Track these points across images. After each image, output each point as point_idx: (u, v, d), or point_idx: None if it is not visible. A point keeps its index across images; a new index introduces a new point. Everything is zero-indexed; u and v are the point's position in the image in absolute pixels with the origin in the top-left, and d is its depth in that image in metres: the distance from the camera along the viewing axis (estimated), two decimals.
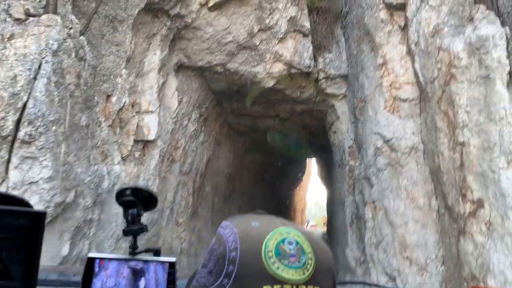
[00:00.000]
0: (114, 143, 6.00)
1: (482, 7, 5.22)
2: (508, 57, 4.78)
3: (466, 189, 5.32)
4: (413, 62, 6.68)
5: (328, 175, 23.41)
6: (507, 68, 4.81)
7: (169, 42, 7.23)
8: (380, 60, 7.16)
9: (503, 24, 4.96)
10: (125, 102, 5.96)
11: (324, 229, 42.06)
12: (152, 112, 6.62)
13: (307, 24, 8.45)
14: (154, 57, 6.84)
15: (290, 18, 8.12)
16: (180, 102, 8.05)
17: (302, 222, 50.30)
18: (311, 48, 8.66)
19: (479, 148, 5.21)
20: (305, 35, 8.56)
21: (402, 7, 6.87)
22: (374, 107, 7.21)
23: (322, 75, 9.08)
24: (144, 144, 6.75)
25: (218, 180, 13.50)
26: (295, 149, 19.16)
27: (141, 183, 6.68)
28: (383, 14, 7.12)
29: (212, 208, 12.55)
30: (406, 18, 6.80)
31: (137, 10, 6.07)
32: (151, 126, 6.58)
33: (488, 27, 5.11)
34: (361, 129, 7.88)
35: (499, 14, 5.06)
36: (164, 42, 7.05)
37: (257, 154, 18.31)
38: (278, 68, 8.50)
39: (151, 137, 6.59)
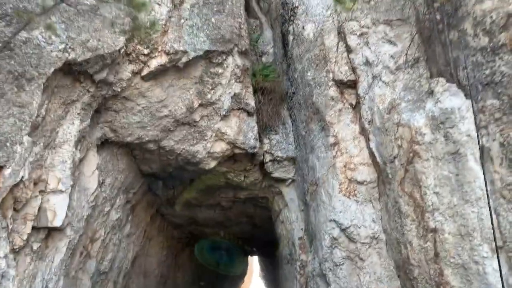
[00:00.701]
0: (2, 230, 4.62)
1: (442, 80, 4.95)
2: (477, 130, 4.37)
3: (445, 286, 4.50)
4: (367, 141, 6.23)
5: (273, 275, 21.85)
6: (478, 143, 4.37)
7: (92, 112, 6.27)
8: (331, 140, 6.66)
9: (466, 96, 4.66)
10: (23, 177, 4.73)
11: None
12: (61, 192, 5.38)
13: (252, 103, 7.97)
14: (71, 127, 5.80)
15: (234, 94, 7.60)
16: (101, 183, 6.85)
17: None
18: (256, 128, 8.09)
19: (456, 235, 4.53)
20: (249, 114, 8.03)
21: (353, 85, 6.61)
22: (328, 190, 6.51)
23: (268, 157, 8.42)
24: (48, 232, 5.37)
25: (146, 282, 11.69)
26: (226, 264, 17.89)
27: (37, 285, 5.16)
28: (332, 91, 6.80)
29: None
30: (357, 95, 6.51)
31: (52, 69, 5.16)
32: (58, 209, 5.29)
33: (452, 99, 4.78)
34: (313, 217, 7.06)
35: (460, 87, 4.79)
36: (85, 111, 6.09)
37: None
38: (220, 147, 7.74)
39: (57, 223, 5.25)
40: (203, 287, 22.05)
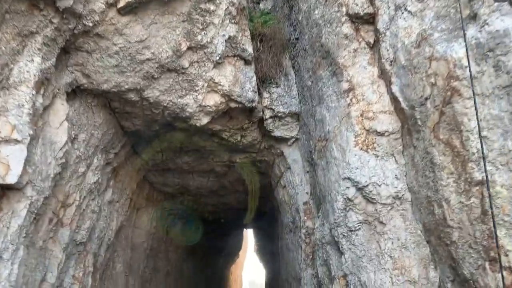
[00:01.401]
0: None
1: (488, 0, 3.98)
2: None
3: (496, 251, 3.66)
4: (389, 84, 5.28)
5: (269, 248, 21.26)
6: None
7: (58, 49, 5.23)
8: (345, 85, 5.70)
9: None
10: None
11: None
12: (17, 141, 4.41)
13: (250, 49, 6.95)
14: (30, 65, 4.78)
15: (229, 38, 6.57)
16: (73, 139, 5.89)
17: None
18: (254, 78, 7.11)
19: (511, 187, 3.66)
20: (247, 63, 7.02)
21: (371, 19, 5.61)
22: (341, 144, 5.59)
23: (268, 113, 7.47)
24: (1, 191, 4.43)
25: (134, 256, 10.89)
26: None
27: None
28: (346, 28, 5.80)
29: None
30: (376, 32, 5.51)
31: None
32: (12, 162, 4.32)
33: (504, 19, 3.82)
34: (322, 177, 6.17)
35: None
36: (49, 48, 5.04)
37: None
38: (213, 100, 6.76)
39: (11, 179, 4.30)
40: None
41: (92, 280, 7.22)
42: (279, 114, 7.43)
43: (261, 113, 7.49)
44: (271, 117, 7.49)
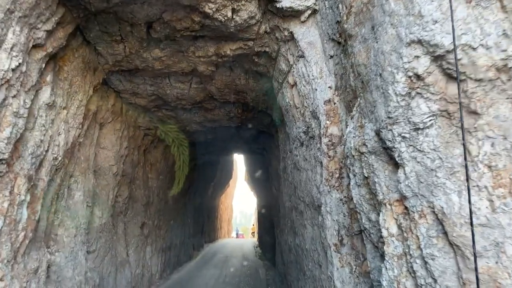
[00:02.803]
0: None
1: None
2: None
3: None
4: None
5: (265, 174, 19.77)
6: None
7: None
8: None
9: None
10: None
11: (254, 239, 38.54)
12: None
13: None
14: None
15: None
16: None
17: (228, 232, 46.47)
18: None
19: None
20: None
21: None
22: None
23: None
24: None
25: (101, 182, 9.03)
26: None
27: None
28: None
29: (89, 229, 8.05)
30: None
31: None
32: None
33: None
34: (362, 53, 4.06)
35: None
36: None
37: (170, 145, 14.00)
38: None
39: None
40: None
41: (29, 211, 5.33)
42: None
43: None
44: None
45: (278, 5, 5.37)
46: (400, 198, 3.59)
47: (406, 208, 3.55)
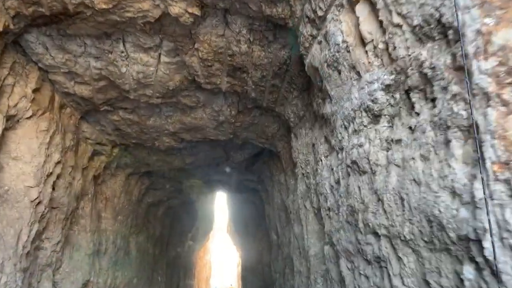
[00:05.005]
0: None
1: None
2: None
3: None
4: None
5: (255, 217, 16.39)
6: None
7: None
8: None
9: None
10: None
11: None
12: None
13: None
14: None
15: None
16: None
17: None
18: None
19: None
20: None
21: None
22: None
23: None
24: None
25: (6, 213, 5.64)
26: None
27: None
28: None
29: None
30: None
31: None
32: None
33: None
34: None
35: None
36: None
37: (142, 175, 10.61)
38: None
39: None
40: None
41: None
42: None
43: None
44: None
45: None
46: None
47: None
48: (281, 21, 4.68)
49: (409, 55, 2.69)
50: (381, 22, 2.98)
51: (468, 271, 2.16)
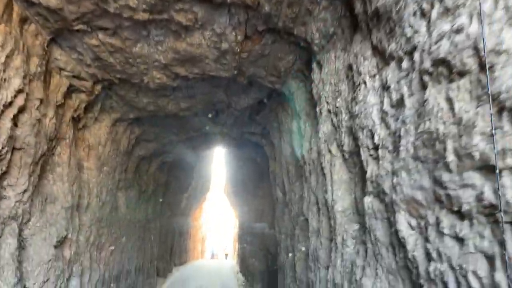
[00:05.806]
0: None
1: None
2: None
3: None
4: None
5: (257, 174, 15.30)
6: None
7: None
8: None
9: None
10: None
11: (232, 262, 33.45)
12: None
13: None
14: None
15: None
16: None
17: (202, 253, 41.16)
18: None
19: None
20: None
21: None
22: None
23: None
24: None
25: None
26: None
27: None
28: None
29: None
30: None
31: None
32: None
33: None
34: None
35: None
36: None
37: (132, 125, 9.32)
38: None
39: None
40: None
41: None
42: None
43: None
44: None
45: None
46: None
47: None
48: None
49: None
50: None
51: None
